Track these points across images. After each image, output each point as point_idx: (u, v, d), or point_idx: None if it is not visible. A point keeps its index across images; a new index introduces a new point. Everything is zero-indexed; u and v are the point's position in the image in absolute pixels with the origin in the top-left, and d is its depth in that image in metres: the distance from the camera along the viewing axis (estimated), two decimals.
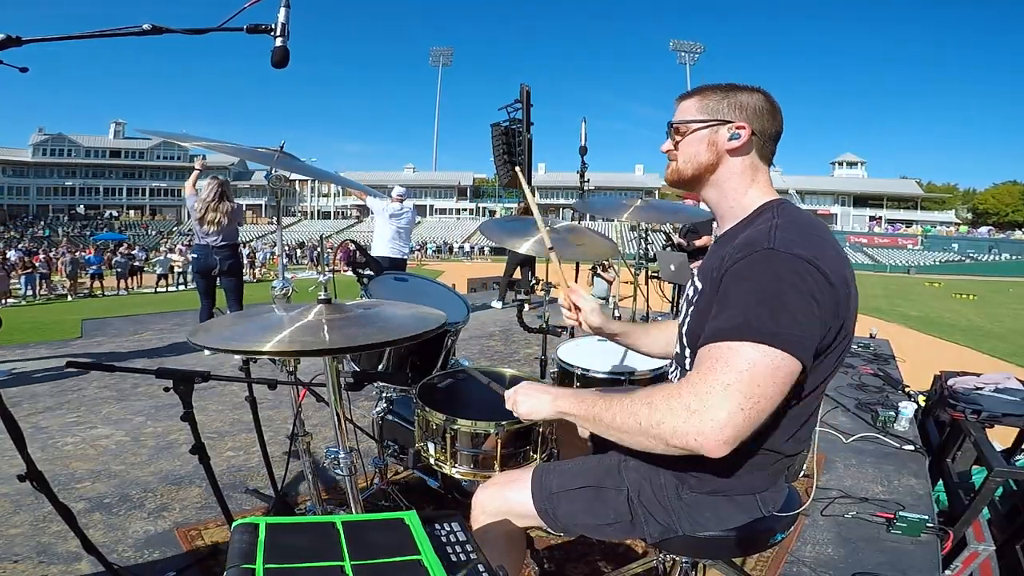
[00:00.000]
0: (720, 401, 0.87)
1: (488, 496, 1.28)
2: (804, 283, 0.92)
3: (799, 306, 0.91)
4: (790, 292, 0.91)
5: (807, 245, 0.96)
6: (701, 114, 1.15)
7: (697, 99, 1.17)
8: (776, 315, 0.90)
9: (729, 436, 0.87)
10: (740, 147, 1.12)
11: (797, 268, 0.93)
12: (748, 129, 1.12)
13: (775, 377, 0.89)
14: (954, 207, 63.55)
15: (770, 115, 1.14)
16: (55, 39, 1.15)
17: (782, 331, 0.89)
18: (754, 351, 0.89)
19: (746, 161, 1.14)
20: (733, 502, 1.14)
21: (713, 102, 1.14)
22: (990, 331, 12.27)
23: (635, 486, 1.19)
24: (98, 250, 22.67)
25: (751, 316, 0.91)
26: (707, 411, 0.88)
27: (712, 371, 0.90)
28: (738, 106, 1.13)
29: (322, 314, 1.30)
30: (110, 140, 59.50)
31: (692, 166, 1.17)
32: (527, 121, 9.41)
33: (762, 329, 0.90)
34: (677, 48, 69.43)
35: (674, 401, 0.92)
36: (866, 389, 3.93)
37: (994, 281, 31.72)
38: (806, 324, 0.91)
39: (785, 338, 0.89)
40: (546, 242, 1.61)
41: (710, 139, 1.14)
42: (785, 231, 0.99)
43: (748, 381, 0.88)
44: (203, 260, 4.65)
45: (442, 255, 42.41)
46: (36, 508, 2.20)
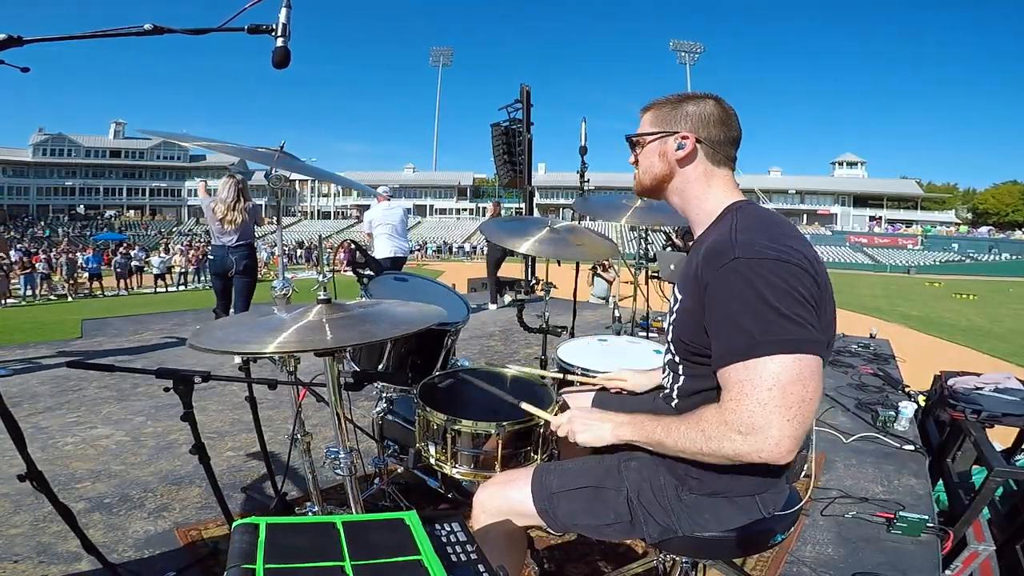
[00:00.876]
0: (764, 420, 0.92)
1: (488, 495, 1.28)
2: (779, 280, 0.95)
3: (789, 305, 0.94)
4: (771, 295, 0.94)
5: (769, 242, 0.99)
6: (653, 126, 1.20)
7: (652, 112, 1.22)
8: (773, 323, 0.93)
9: (788, 446, 0.92)
10: (686, 156, 1.16)
11: (768, 269, 0.96)
12: (692, 138, 1.15)
13: (801, 379, 0.92)
14: (954, 207, 63.56)
15: (720, 122, 1.16)
16: (55, 39, 1.15)
17: (786, 336, 0.93)
18: (770, 364, 0.93)
19: (698, 168, 1.18)
20: (733, 503, 1.14)
21: (663, 114, 1.19)
22: (990, 331, 12.27)
23: (635, 487, 1.19)
24: (97, 250, 22.66)
25: (753, 331, 0.94)
26: (758, 432, 0.93)
27: (743, 395, 0.94)
28: (684, 116, 1.17)
29: (323, 313, 1.30)
30: (110, 140, 59.50)
31: (649, 177, 1.23)
32: (527, 121, 9.41)
33: (768, 341, 0.93)
34: (677, 48, 69.47)
35: (724, 428, 0.97)
36: (866, 389, 3.93)
37: (994, 281, 31.73)
38: (801, 319, 0.94)
39: (793, 341, 0.92)
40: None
41: (660, 150, 1.19)
42: (745, 232, 1.03)
43: (780, 393, 0.92)
44: (220, 261, 4.58)
45: (442, 255, 42.41)
46: (36, 508, 2.20)
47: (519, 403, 1.41)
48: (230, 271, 4.57)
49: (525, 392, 1.76)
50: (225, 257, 4.54)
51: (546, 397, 1.65)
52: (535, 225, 2.34)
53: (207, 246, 15.17)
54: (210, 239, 4.71)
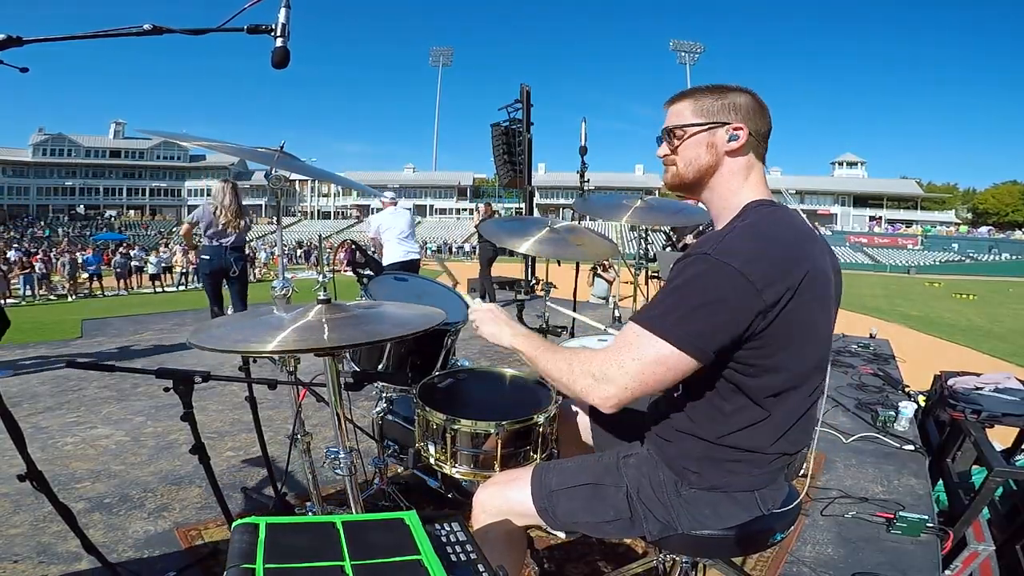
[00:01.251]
0: (615, 377, 1.05)
1: (488, 495, 1.28)
2: (719, 288, 0.98)
3: (710, 311, 0.99)
4: (700, 293, 1.00)
5: (749, 251, 1.00)
6: (697, 117, 1.15)
7: (690, 102, 1.17)
8: (685, 315, 1.00)
9: (612, 405, 1.07)
10: (739, 148, 1.13)
11: (719, 271, 0.98)
12: (745, 129, 1.12)
13: (663, 369, 1.02)
14: (954, 207, 63.57)
15: (760, 114, 1.15)
16: (55, 39, 1.15)
17: (684, 328, 1.00)
18: (652, 344, 1.02)
19: (742, 161, 1.15)
20: (732, 499, 1.14)
21: (708, 104, 1.15)
22: (990, 331, 12.27)
23: (634, 483, 1.19)
24: (97, 250, 22.66)
25: (665, 311, 1.03)
26: (603, 383, 1.06)
27: (618, 351, 1.06)
28: (734, 107, 1.13)
29: (322, 314, 1.30)
30: (110, 140, 59.52)
31: (693, 169, 1.17)
32: (527, 121, 9.42)
33: (667, 326, 1.01)
34: (677, 48, 69.46)
35: (585, 368, 1.09)
36: (866, 389, 3.93)
37: (994, 281, 31.73)
38: (711, 323, 0.99)
39: (684, 337, 1.00)
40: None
41: (709, 141, 1.14)
42: (737, 234, 1.04)
43: (640, 368, 1.03)
44: (217, 261, 4.74)
45: (442, 255, 42.42)
46: (36, 508, 2.20)
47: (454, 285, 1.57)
48: (230, 271, 4.78)
49: (525, 392, 1.76)
50: (223, 258, 4.73)
51: (544, 397, 1.65)
52: (535, 225, 2.34)
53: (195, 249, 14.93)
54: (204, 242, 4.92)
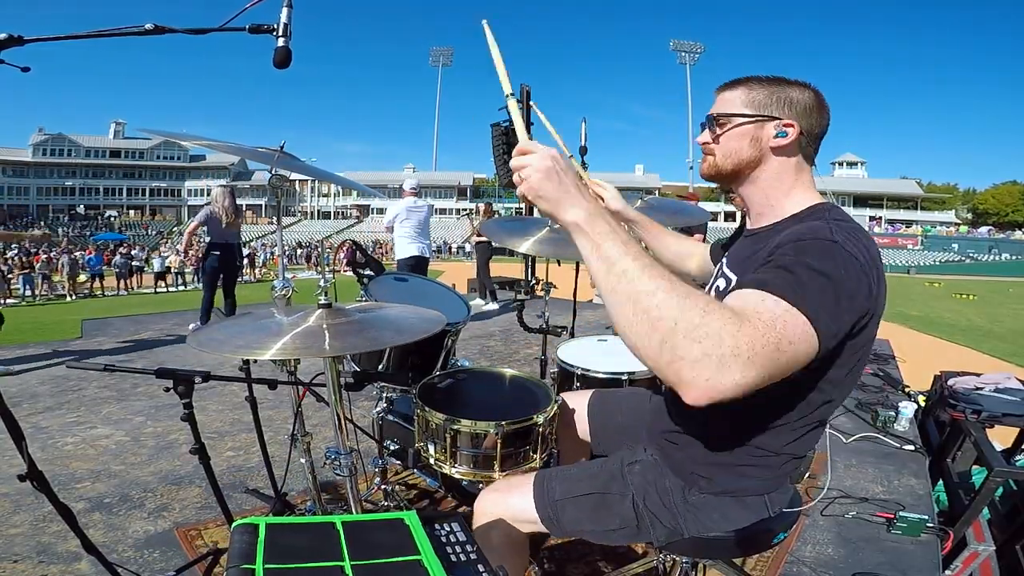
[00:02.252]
0: (763, 361, 0.76)
1: (490, 502, 1.27)
2: (852, 280, 0.87)
3: (846, 302, 0.86)
4: (840, 284, 0.86)
5: (861, 250, 0.92)
6: (747, 107, 1.08)
7: (743, 91, 1.09)
8: (826, 303, 0.84)
9: (727, 397, 0.75)
10: (786, 145, 1.06)
11: (853, 267, 0.88)
12: (796, 127, 1.05)
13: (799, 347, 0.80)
14: (954, 207, 63.56)
15: (818, 113, 1.07)
16: (55, 39, 1.14)
17: (824, 320, 0.83)
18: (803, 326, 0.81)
19: (790, 160, 1.08)
20: (742, 503, 1.13)
21: (761, 96, 1.07)
22: (990, 331, 12.26)
23: (640, 491, 1.18)
24: (97, 250, 22.65)
25: (808, 288, 0.83)
26: (746, 364, 0.74)
27: (772, 327, 0.78)
28: (788, 102, 1.06)
29: (323, 319, 1.30)
30: (110, 140, 59.52)
31: (732, 161, 1.10)
32: (527, 121, 9.41)
33: (814, 307, 0.82)
34: (677, 48, 69.44)
35: (729, 330, 0.75)
36: (866, 389, 3.92)
37: (994, 281, 31.71)
38: (840, 322, 0.86)
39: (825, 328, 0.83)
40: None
41: (754, 135, 1.07)
42: (843, 233, 0.94)
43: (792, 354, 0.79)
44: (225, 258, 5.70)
45: (442, 255, 42.38)
46: (36, 508, 2.20)
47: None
48: (232, 263, 5.78)
49: (524, 392, 1.76)
50: (233, 255, 5.77)
51: (544, 397, 1.65)
52: (535, 225, 2.34)
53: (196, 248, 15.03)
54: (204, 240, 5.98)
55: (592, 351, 2.25)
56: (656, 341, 0.76)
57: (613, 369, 2.00)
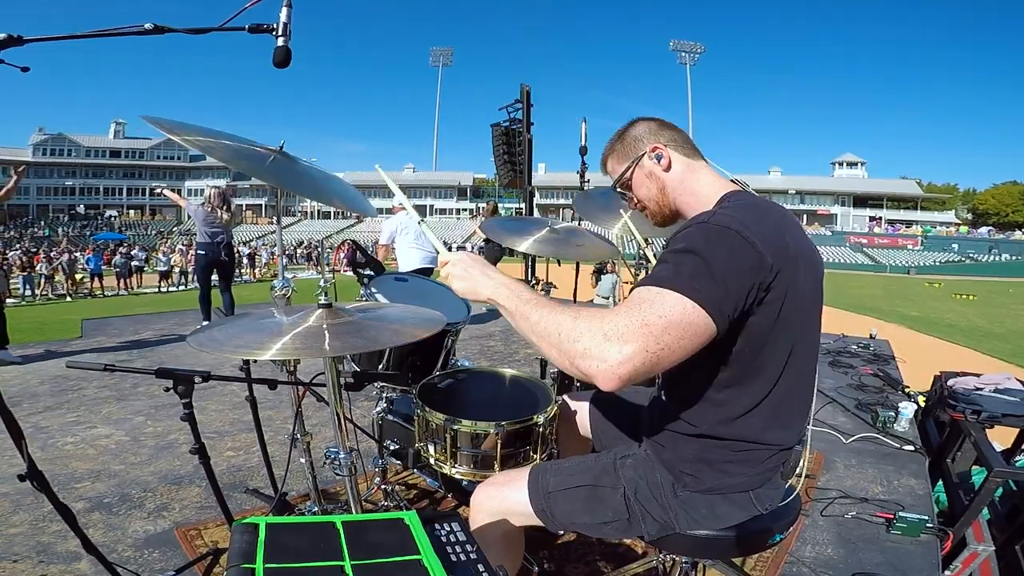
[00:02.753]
0: (633, 336, 0.88)
1: (486, 496, 1.28)
2: (725, 247, 0.96)
3: (722, 269, 0.95)
4: (711, 254, 0.96)
5: (742, 220, 1.00)
6: (623, 165, 1.25)
7: (612, 159, 1.29)
8: (698, 273, 0.94)
9: (625, 373, 0.88)
10: (668, 162, 1.21)
11: (722, 235, 0.98)
12: (658, 147, 1.21)
13: (687, 329, 0.91)
14: (954, 207, 63.61)
15: (663, 126, 1.24)
16: (55, 39, 1.14)
17: (702, 288, 0.93)
18: (675, 300, 0.92)
19: (680, 169, 1.22)
20: (728, 500, 1.15)
21: (622, 149, 1.26)
22: (990, 331, 12.27)
23: (631, 484, 1.19)
24: (97, 250, 22.65)
25: (679, 270, 0.95)
26: (619, 342, 0.88)
27: (637, 308, 0.92)
28: (636, 139, 1.24)
29: (323, 319, 1.30)
30: (110, 140, 59.55)
31: (656, 202, 1.25)
32: (527, 121, 9.40)
33: (685, 282, 0.93)
34: (677, 48, 69.50)
35: (596, 323, 0.91)
36: (866, 389, 3.93)
37: (994, 281, 31.73)
38: (724, 286, 0.94)
39: (704, 295, 0.93)
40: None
41: (647, 173, 1.23)
42: (728, 211, 1.05)
43: (663, 326, 0.90)
44: (212, 255, 5.80)
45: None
46: (36, 508, 2.20)
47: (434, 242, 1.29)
48: (216, 261, 5.82)
49: (525, 392, 1.76)
50: (215, 251, 5.82)
51: (544, 397, 1.65)
52: (535, 225, 2.35)
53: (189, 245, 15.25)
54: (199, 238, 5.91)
55: None
56: (556, 354, 0.95)
57: None
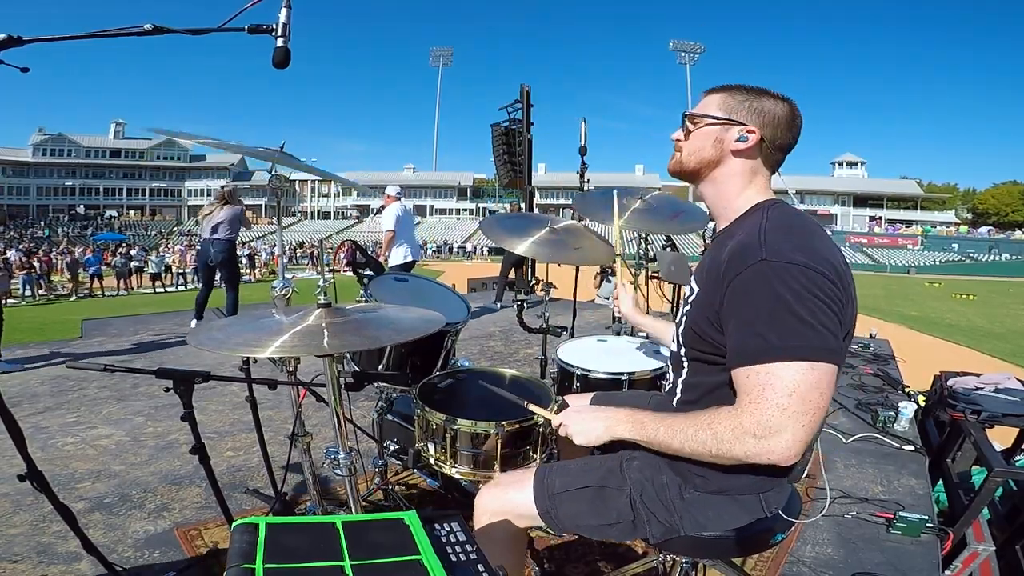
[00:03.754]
0: (781, 424, 0.93)
1: (490, 497, 1.28)
2: (802, 287, 0.94)
3: (812, 312, 0.93)
4: (794, 300, 0.94)
5: (797, 246, 0.98)
6: (719, 111, 1.15)
7: (722, 96, 1.17)
8: (795, 329, 0.93)
9: (799, 450, 0.94)
10: (745, 150, 1.13)
11: (795, 276, 0.95)
12: (758, 134, 1.12)
13: (820, 387, 0.93)
14: (954, 207, 63.55)
15: (787, 126, 1.14)
16: (55, 39, 1.15)
17: (807, 343, 0.93)
18: (791, 369, 0.93)
19: (748, 164, 1.15)
20: (736, 502, 1.14)
21: (735, 102, 1.15)
22: (990, 331, 12.27)
23: (637, 486, 1.19)
24: (97, 250, 22.64)
25: (773, 335, 0.94)
26: (773, 436, 0.93)
27: (763, 398, 0.94)
28: (758, 110, 1.13)
29: (322, 318, 1.30)
30: (110, 140, 59.48)
31: (695, 159, 1.18)
32: (527, 121, 9.40)
33: (790, 346, 0.93)
34: (677, 48, 69.45)
35: (739, 431, 0.96)
36: (866, 389, 3.93)
37: (994, 281, 31.72)
38: (824, 327, 0.94)
39: (814, 348, 0.93)
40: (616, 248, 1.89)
41: (718, 136, 1.15)
42: (774, 233, 1.01)
43: (799, 400, 0.92)
44: (203, 255, 5.75)
45: (442, 255, 42.40)
46: (36, 508, 2.20)
47: (525, 403, 1.38)
48: (210, 261, 5.68)
49: (524, 392, 1.76)
50: (206, 251, 5.70)
51: (544, 397, 1.65)
52: (534, 224, 2.32)
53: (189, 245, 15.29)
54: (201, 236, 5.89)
55: (592, 351, 2.25)
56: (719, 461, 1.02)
57: (613, 369, 2.00)
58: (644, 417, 1.12)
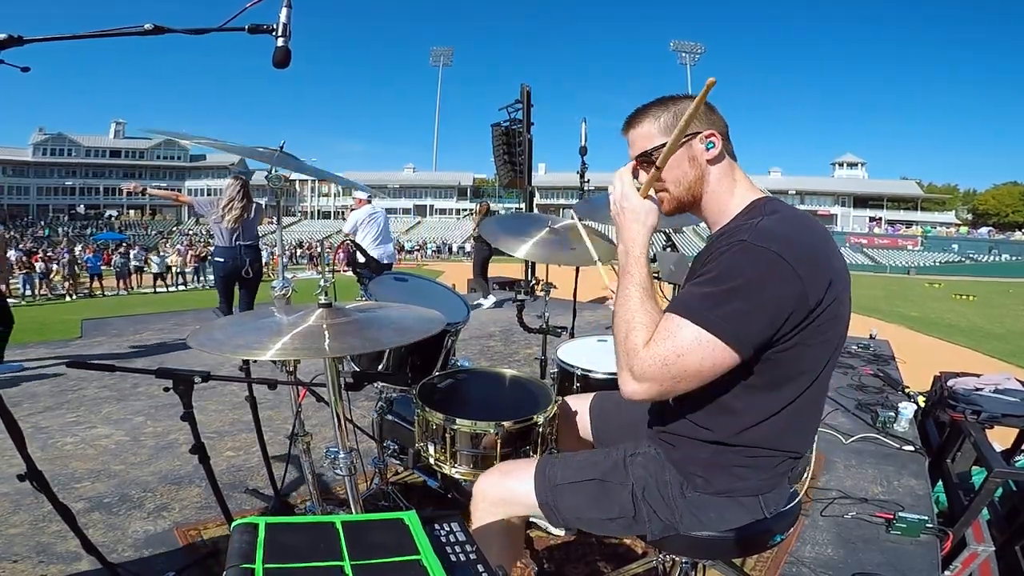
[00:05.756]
0: (650, 375, 0.99)
1: (489, 484, 1.28)
2: (764, 277, 0.95)
3: (756, 301, 0.95)
4: (745, 285, 0.95)
5: (783, 238, 0.98)
6: (664, 136, 1.10)
7: (649, 122, 1.13)
8: (729, 306, 0.95)
9: (643, 399, 1.04)
10: (718, 154, 1.11)
11: (761, 259, 0.96)
12: (715, 133, 1.10)
13: (705, 364, 0.97)
14: (954, 208, 63.53)
15: (715, 113, 1.13)
16: (55, 39, 1.15)
17: (728, 320, 0.95)
18: (694, 334, 0.96)
19: (723, 166, 1.13)
20: (737, 503, 1.14)
21: (670, 118, 1.11)
22: (990, 332, 12.26)
23: (640, 482, 1.19)
24: (97, 250, 22.64)
25: (705, 300, 0.97)
26: (640, 381, 1.00)
27: (661, 342, 0.99)
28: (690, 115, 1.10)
29: (323, 319, 1.30)
30: (110, 140, 59.49)
31: (684, 187, 1.14)
32: (527, 121, 9.41)
33: (709, 315, 0.96)
34: (677, 48, 69.52)
35: (633, 355, 1.02)
36: (866, 390, 3.93)
37: (994, 282, 31.70)
38: (754, 319, 0.95)
39: (728, 329, 0.95)
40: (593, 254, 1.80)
41: (688, 156, 1.11)
42: (767, 220, 1.02)
43: (682, 365, 0.97)
44: (232, 262, 4.44)
45: (442, 255, 42.38)
46: (36, 508, 2.20)
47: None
48: (243, 270, 4.45)
49: (525, 392, 1.76)
50: (238, 257, 4.43)
51: (544, 397, 1.65)
52: (534, 225, 2.32)
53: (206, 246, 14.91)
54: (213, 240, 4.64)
55: (592, 351, 2.25)
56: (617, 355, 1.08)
57: (613, 369, 1.99)
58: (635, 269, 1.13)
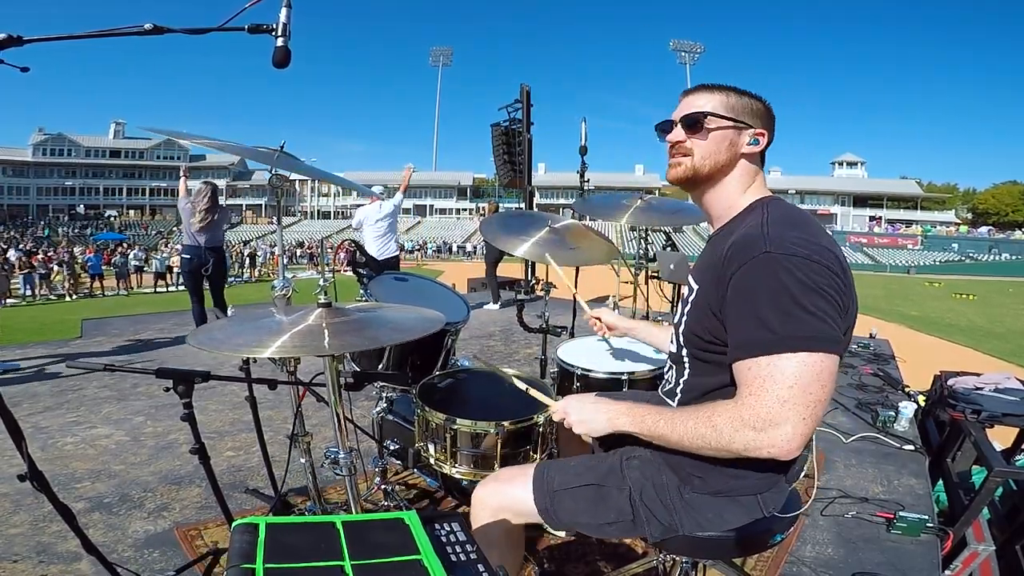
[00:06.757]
0: (781, 416, 0.91)
1: (488, 492, 1.27)
2: (806, 277, 0.93)
3: (814, 302, 0.92)
4: (798, 290, 0.93)
5: (800, 239, 0.97)
6: (729, 112, 1.11)
7: (722, 95, 1.13)
8: (798, 319, 0.92)
9: (799, 443, 0.92)
10: (754, 154, 1.13)
11: (799, 266, 0.94)
12: (766, 137, 1.13)
13: (821, 379, 0.92)
14: (954, 207, 63.51)
15: (773, 124, 1.16)
16: (55, 39, 1.14)
17: (810, 333, 0.91)
18: (793, 361, 0.91)
19: (751, 166, 1.15)
20: (735, 503, 1.14)
21: (738, 103, 1.12)
22: (990, 331, 12.26)
23: (637, 485, 1.19)
24: (98, 250, 22.64)
25: (776, 326, 0.93)
26: (773, 428, 0.92)
27: (763, 390, 0.93)
28: (757, 112, 1.13)
29: (323, 318, 1.30)
30: (110, 140, 59.46)
31: (710, 164, 1.13)
32: (527, 121, 9.40)
33: (792, 337, 0.92)
34: (677, 48, 69.45)
35: (738, 423, 0.95)
36: (866, 389, 3.93)
37: (994, 281, 31.69)
38: (827, 317, 0.93)
39: (816, 339, 0.91)
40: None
41: (732, 139, 1.12)
42: (776, 227, 1.01)
43: (800, 392, 0.91)
44: (195, 260, 4.96)
45: (442, 255, 42.37)
46: (36, 508, 2.20)
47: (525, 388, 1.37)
48: (204, 268, 4.98)
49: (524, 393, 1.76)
50: (201, 256, 4.95)
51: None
52: (534, 224, 2.32)
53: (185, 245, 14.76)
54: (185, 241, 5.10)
55: (592, 351, 2.25)
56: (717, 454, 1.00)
57: (613, 369, 1.99)
58: (645, 410, 1.11)
